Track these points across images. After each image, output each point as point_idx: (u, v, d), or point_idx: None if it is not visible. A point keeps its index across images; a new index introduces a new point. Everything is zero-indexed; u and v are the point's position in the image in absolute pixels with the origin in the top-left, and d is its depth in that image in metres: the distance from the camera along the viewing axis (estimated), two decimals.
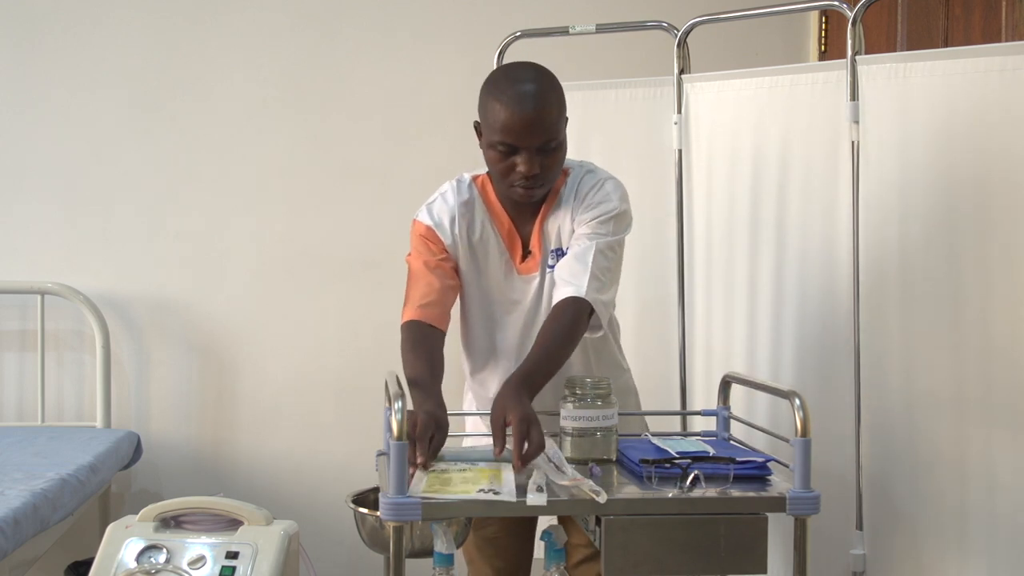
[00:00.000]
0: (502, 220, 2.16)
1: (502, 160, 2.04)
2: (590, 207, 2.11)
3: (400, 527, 1.71)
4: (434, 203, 2.18)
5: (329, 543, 3.36)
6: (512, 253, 2.16)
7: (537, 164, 2.02)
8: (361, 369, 3.45)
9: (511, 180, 2.05)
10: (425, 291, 2.10)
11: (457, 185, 2.19)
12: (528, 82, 2.02)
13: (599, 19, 2.97)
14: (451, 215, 2.14)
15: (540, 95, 2.01)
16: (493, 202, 2.17)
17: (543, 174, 2.04)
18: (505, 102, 2.00)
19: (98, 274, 3.40)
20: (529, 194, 2.07)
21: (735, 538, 1.72)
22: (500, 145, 2.02)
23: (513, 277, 2.17)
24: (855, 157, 2.46)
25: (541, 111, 2.00)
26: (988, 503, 2.27)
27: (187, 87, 3.43)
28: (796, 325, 2.64)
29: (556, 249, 2.15)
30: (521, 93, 2.00)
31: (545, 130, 2.01)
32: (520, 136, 2.00)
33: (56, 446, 3.00)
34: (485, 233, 2.16)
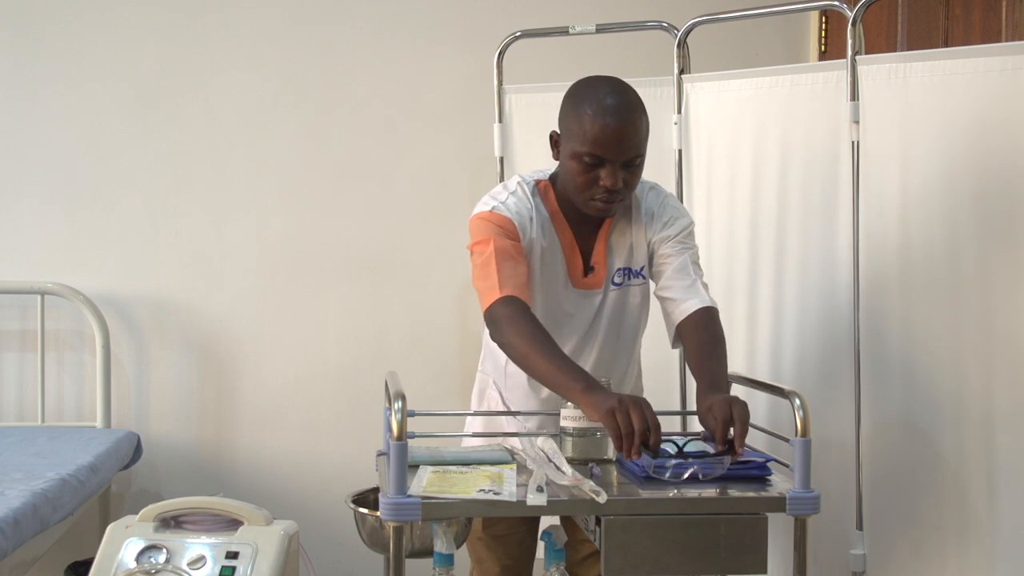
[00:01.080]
0: (564, 231, 2.13)
1: (585, 172, 2.00)
2: (668, 224, 2.13)
3: (400, 527, 1.71)
4: (508, 199, 2.10)
5: (329, 543, 3.36)
6: (571, 265, 2.13)
7: (621, 179, 2.00)
8: (361, 369, 3.45)
9: (592, 193, 2.02)
10: (513, 272, 2.00)
11: (527, 187, 2.13)
12: (619, 95, 2.01)
13: (599, 19, 2.97)
14: (529, 214, 2.09)
15: (631, 109, 2.00)
16: (556, 211, 2.13)
17: (624, 190, 2.02)
18: (595, 112, 1.97)
19: (98, 274, 3.40)
20: (608, 208, 2.04)
21: (735, 538, 1.72)
22: (587, 157, 1.99)
23: (570, 290, 2.14)
24: (855, 157, 2.46)
25: (632, 124, 1.99)
26: (988, 503, 2.27)
27: (187, 87, 3.43)
28: (796, 325, 2.64)
29: (624, 268, 2.15)
30: (613, 105, 1.98)
31: (635, 146, 2.00)
32: (609, 149, 1.98)
33: (56, 446, 2.99)
34: (552, 241, 2.12)
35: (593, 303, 2.15)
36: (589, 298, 2.15)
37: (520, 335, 1.93)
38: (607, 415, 1.77)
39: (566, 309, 2.14)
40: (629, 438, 1.75)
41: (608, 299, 2.15)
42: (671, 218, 2.14)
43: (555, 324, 2.10)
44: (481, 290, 2.02)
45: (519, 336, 1.93)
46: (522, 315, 1.95)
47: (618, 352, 2.20)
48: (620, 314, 2.18)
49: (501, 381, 2.26)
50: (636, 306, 2.19)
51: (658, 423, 1.78)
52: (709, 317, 2.06)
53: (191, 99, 3.43)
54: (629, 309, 2.18)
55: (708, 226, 2.83)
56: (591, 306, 2.15)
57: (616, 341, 2.19)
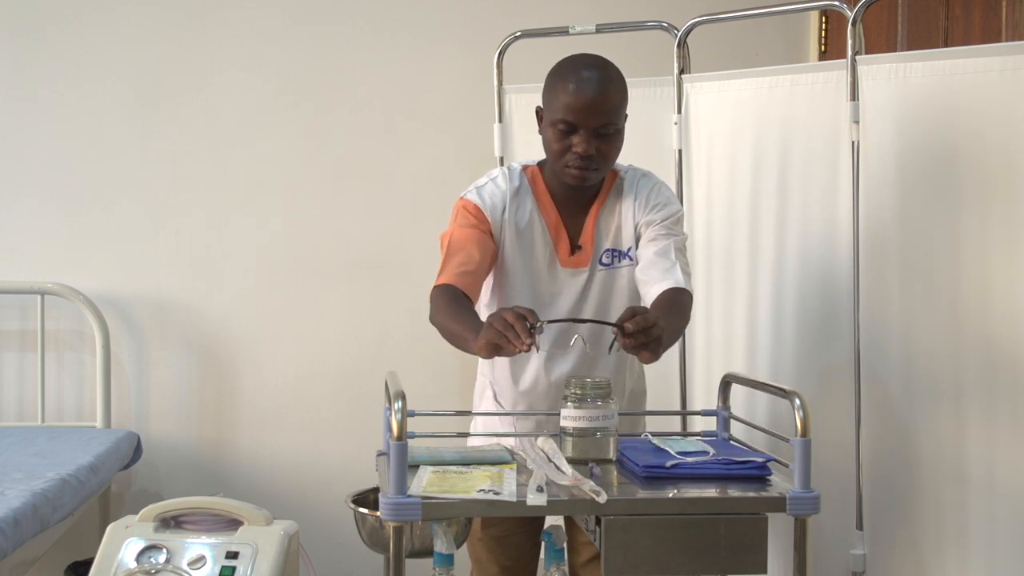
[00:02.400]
0: (550, 212, 2.19)
1: (560, 140, 2.09)
2: (656, 208, 2.17)
3: (400, 527, 1.71)
4: (485, 186, 2.21)
5: (329, 543, 3.36)
6: (557, 245, 2.18)
7: (594, 146, 2.07)
8: (361, 369, 3.45)
9: (566, 160, 2.10)
10: (464, 260, 2.12)
11: (508, 172, 2.22)
12: (593, 68, 2.11)
13: (599, 19, 2.97)
14: (502, 199, 2.18)
15: (604, 79, 2.09)
16: (542, 193, 2.20)
17: (598, 158, 2.09)
18: (569, 82, 2.08)
19: (98, 274, 3.40)
20: (582, 176, 2.10)
21: (735, 538, 1.72)
22: (561, 123, 2.08)
23: (557, 270, 2.19)
24: (855, 157, 2.46)
25: (603, 94, 2.07)
26: (988, 503, 2.27)
27: (187, 87, 3.43)
28: (796, 325, 2.64)
29: (612, 249, 2.19)
30: (586, 76, 2.08)
31: (605, 112, 2.07)
32: (580, 115, 2.06)
33: (56, 446, 2.99)
34: (532, 222, 2.18)
35: (579, 282, 2.19)
36: (575, 276, 2.19)
37: (438, 311, 2.04)
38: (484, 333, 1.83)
39: (553, 289, 2.19)
40: (510, 331, 1.80)
41: (595, 279, 2.19)
42: (660, 203, 2.19)
43: (541, 304, 2.16)
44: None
45: (440, 313, 2.04)
46: (442, 295, 2.06)
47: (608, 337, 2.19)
48: (608, 295, 2.20)
49: (494, 382, 2.28)
50: (624, 288, 2.20)
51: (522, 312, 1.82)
52: (683, 295, 2.09)
53: (191, 99, 3.43)
54: (618, 291, 2.20)
55: (708, 226, 2.83)
56: (577, 284, 2.19)
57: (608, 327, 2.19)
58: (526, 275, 2.19)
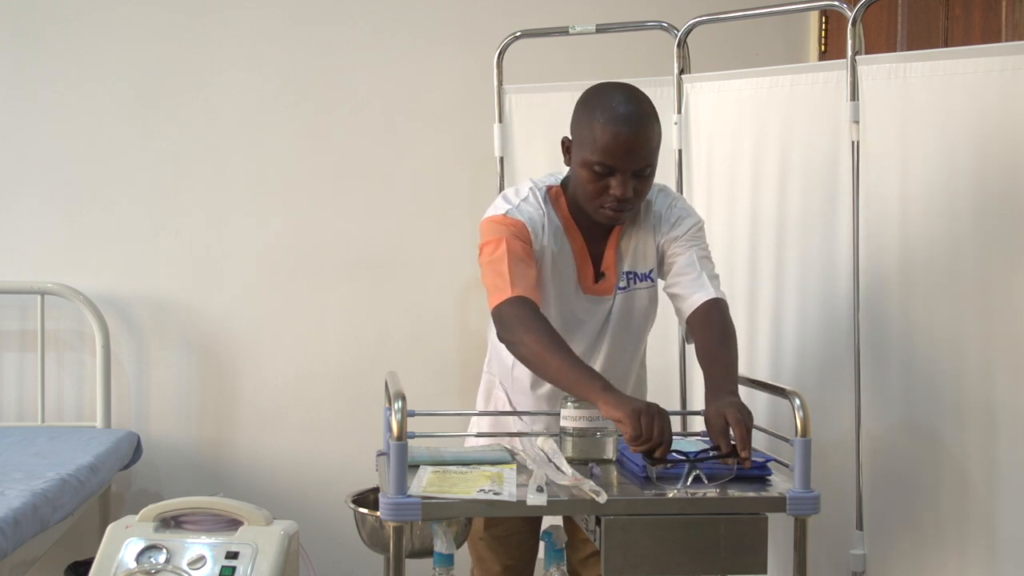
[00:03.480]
0: (575, 237, 2.12)
1: (595, 181, 2.00)
2: (676, 224, 2.13)
3: (400, 527, 1.71)
4: (521, 204, 2.09)
5: (329, 543, 3.36)
6: (582, 272, 2.13)
7: (631, 188, 1.99)
8: (361, 369, 3.45)
9: (602, 201, 2.02)
10: (524, 273, 2.00)
11: (539, 193, 2.11)
12: (631, 103, 2.00)
13: (599, 19, 2.97)
14: (541, 220, 2.08)
15: (643, 118, 1.99)
16: (567, 217, 2.12)
17: (634, 199, 2.02)
18: (607, 123, 1.97)
19: (98, 274, 3.40)
20: (617, 217, 2.04)
21: (735, 538, 1.72)
22: (597, 166, 1.99)
23: (580, 297, 2.14)
24: (855, 157, 2.46)
25: (643, 135, 1.98)
26: (988, 503, 2.27)
27: (187, 87, 3.43)
28: (796, 325, 2.64)
29: (630, 272, 2.14)
30: (624, 115, 1.97)
31: (645, 156, 1.99)
32: (619, 159, 1.97)
33: (56, 446, 2.99)
34: (562, 247, 2.11)
35: (604, 309, 2.15)
36: (600, 304, 2.15)
37: (532, 335, 1.93)
38: (632, 415, 1.77)
39: (577, 315, 2.14)
40: (645, 444, 1.77)
41: (616, 303, 2.15)
42: (679, 218, 2.14)
43: (566, 330, 2.09)
44: (490, 288, 2.01)
45: (531, 335, 1.93)
46: (533, 316, 1.95)
47: (623, 353, 2.20)
48: (627, 317, 2.17)
49: (508, 383, 2.26)
50: (642, 309, 2.19)
51: (671, 439, 1.79)
52: (717, 309, 2.06)
53: (191, 99, 3.43)
54: (635, 312, 2.18)
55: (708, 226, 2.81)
56: (601, 312, 2.15)
57: (622, 344, 2.19)
58: (555, 300, 2.12)
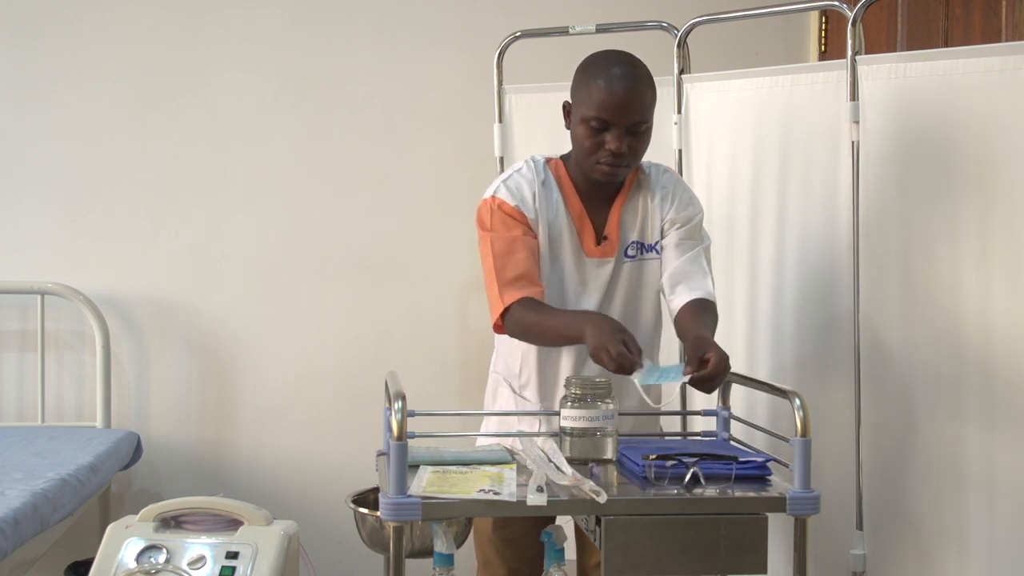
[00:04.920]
0: (574, 203, 2.21)
1: (592, 136, 2.11)
2: (682, 209, 2.22)
3: (400, 527, 1.71)
4: (510, 179, 2.20)
5: (329, 543, 3.36)
6: (583, 237, 2.20)
7: (626, 143, 2.10)
8: (361, 369, 3.45)
9: (598, 157, 2.12)
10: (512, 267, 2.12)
11: (533, 163, 2.23)
12: (627, 65, 2.13)
13: (599, 19, 2.97)
14: (530, 189, 2.18)
15: (637, 77, 2.12)
16: (566, 184, 2.21)
17: (629, 155, 2.12)
18: (602, 79, 2.09)
19: (98, 274, 3.40)
20: (613, 172, 2.13)
21: (735, 538, 1.72)
22: (593, 121, 2.09)
23: (583, 260, 2.20)
24: (855, 157, 2.46)
25: (637, 91, 2.10)
26: (988, 503, 2.27)
27: (187, 87, 3.43)
28: (796, 325, 2.64)
29: (638, 242, 2.22)
30: (619, 73, 2.10)
31: (639, 110, 2.10)
32: (614, 113, 2.08)
33: (56, 446, 2.99)
34: (559, 214, 2.20)
35: (606, 272, 2.20)
36: (602, 267, 2.20)
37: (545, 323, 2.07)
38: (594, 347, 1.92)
39: (580, 279, 2.21)
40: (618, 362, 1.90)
41: (623, 271, 2.21)
42: (684, 204, 2.23)
43: (574, 295, 2.20)
44: (488, 297, 2.15)
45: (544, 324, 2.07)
46: (536, 310, 2.08)
47: (642, 320, 2.24)
48: (638, 288, 2.23)
49: (515, 382, 2.27)
50: (653, 281, 2.23)
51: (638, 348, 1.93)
52: (711, 309, 2.14)
53: (191, 99, 3.43)
54: (646, 283, 2.23)
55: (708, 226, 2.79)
56: (604, 275, 2.21)
57: (637, 312, 2.23)
58: (554, 266, 2.20)
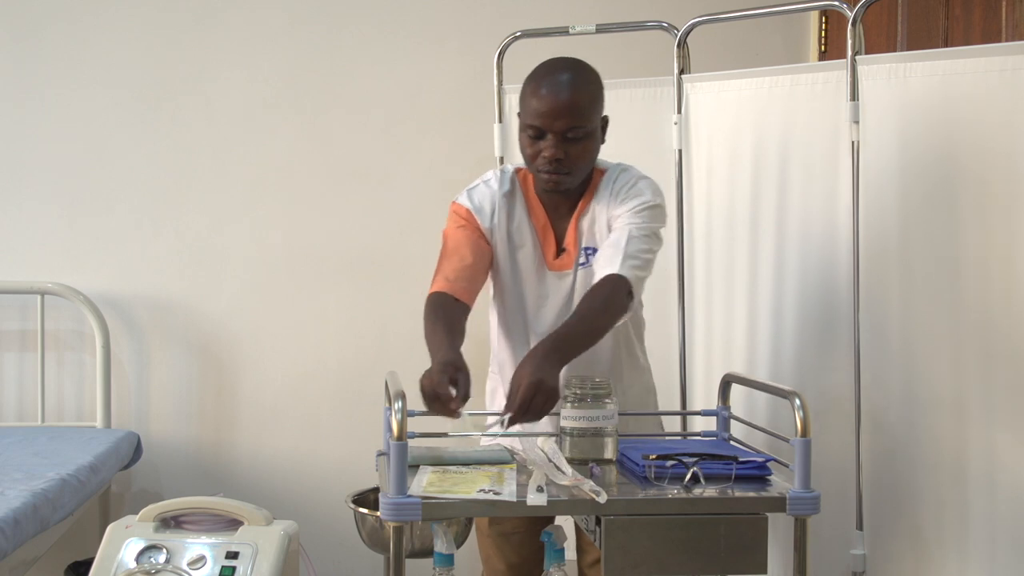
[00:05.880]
0: (538, 215, 2.20)
1: (531, 145, 2.11)
2: (623, 201, 2.15)
3: (400, 527, 1.71)
4: (476, 188, 2.22)
5: (329, 543, 3.36)
6: (545, 248, 2.19)
7: (562, 150, 2.07)
8: (361, 369, 3.45)
9: (537, 165, 2.10)
10: (457, 265, 2.14)
11: (501, 174, 2.24)
12: (562, 71, 2.10)
13: (599, 19, 2.97)
14: (492, 202, 2.19)
15: (570, 84, 2.08)
16: (532, 196, 2.21)
17: (568, 162, 2.08)
18: (536, 87, 2.09)
19: (98, 274, 3.40)
20: (554, 180, 2.10)
21: (735, 538, 1.72)
22: (529, 129, 2.10)
23: (545, 273, 2.19)
24: (855, 157, 2.46)
25: (570, 98, 2.07)
26: (988, 503, 2.27)
27: (187, 87, 3.43)
28: (796, 325, 2.64)
29: (588, 248, 2.18)
30: (553, 80, 2.08)
31: (572, 116, 2.06)
32: (547, 120, 2.06)
33: (56, 446, 2.99)
34: (521, 226, 2.20)
35: (566, 284, 2.19)
36: (562, 279, 2.19)
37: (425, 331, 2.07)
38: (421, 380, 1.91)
39: (543, 292, 2.20)
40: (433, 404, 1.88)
41: (578, 279, 2.18)
42: (629, 196, 2.14)
43: (535, 307, 2.19)
44: None
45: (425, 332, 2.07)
46: (429, 305, 2.10)
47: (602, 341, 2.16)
48: None
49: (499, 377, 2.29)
50: None
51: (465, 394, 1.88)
52: (608, 284, 2.03)
53: (191, 99, 3.43)
54: None
55: (708, 226, 2.83)
56: (564, 288, 2.19)
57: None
58: (516, 278, 2.20)
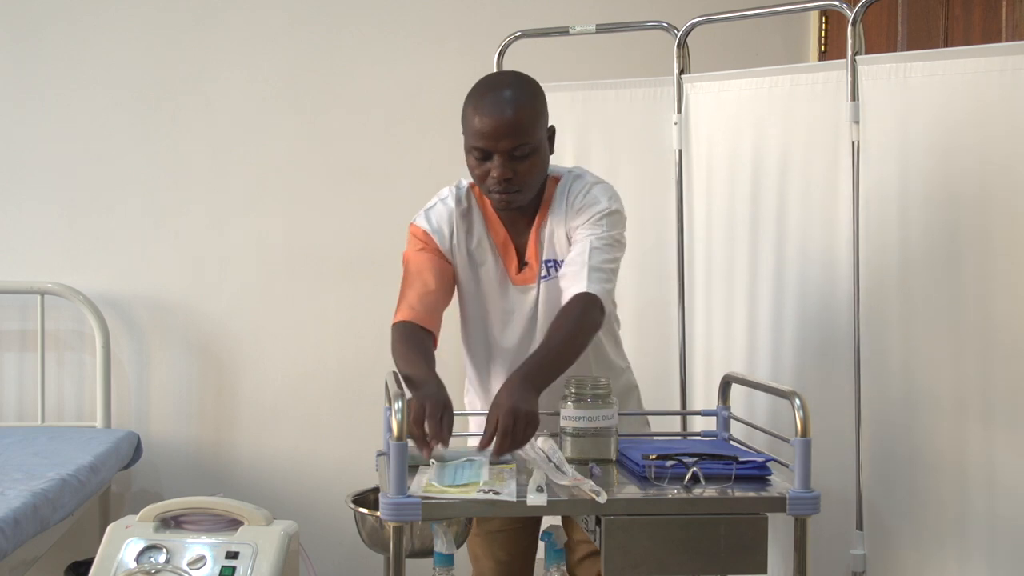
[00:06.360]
0: (497, 230, 2.16)
1: (478, 166, 2.06)
2: (580, 211, 2.10)
3: (400, 527, 1.71)
4: (432, 208, 2.18)
5: (329, 543, 3.36)
6: (507, 263, 2.16)
7: (510, 169, 2.02)
8: (361, 369, 3.45)
9: (488, 186, 2.06)
10: (420, 291, 2.11)
11: (456, 191, 2.19)
12: (501, 88, 2.05)
13: (599, 19, 2.96)
14: (450, 223, 2.15)
15: (511, 101, 2.02)
16: (489, 212, 2.17)
17: (518, 180, 2.04)
18: (477, 108, 2.03)
19: (98, 274, 3.40)
20: (506, 199, 2.06)
21: (735, 538, 1.72)
22: (474, 151, 2.04)
23: (508, 287, 2.17)
24: (855, 157, 2.46)
25: (511, 116, 2.01)
26: (988, 503, 2.27)
27: (187, 87, 3.43)
28: (796, 325, 2.64)
29: (549, 260, 2.14)
30: (492, 99, 2.02)
31: (516, 135, 2.01)
32: (490, 141, 2.01)
33: (56, 446, 2.99)
34: (481, 242, 2.16)
35: (530, 298, 2.16)
36: (525, 293, 2.17)
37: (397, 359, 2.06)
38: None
39: (507, 307, 2.17)
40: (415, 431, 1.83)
41: (541, 292, 2.15)
42: (585, 205, 2.10)
43: (500, 322, 2.17)
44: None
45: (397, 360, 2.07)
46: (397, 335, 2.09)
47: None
48: (556, 307, 2.10)
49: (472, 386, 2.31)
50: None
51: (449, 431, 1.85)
52: (578, 304, 2.00)
53: (191, 99, 3.43)
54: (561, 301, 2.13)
55: (708, 226, 2.83)
56: (528, 301, 2.16)
57: None
58: (479, 296, 2.17)
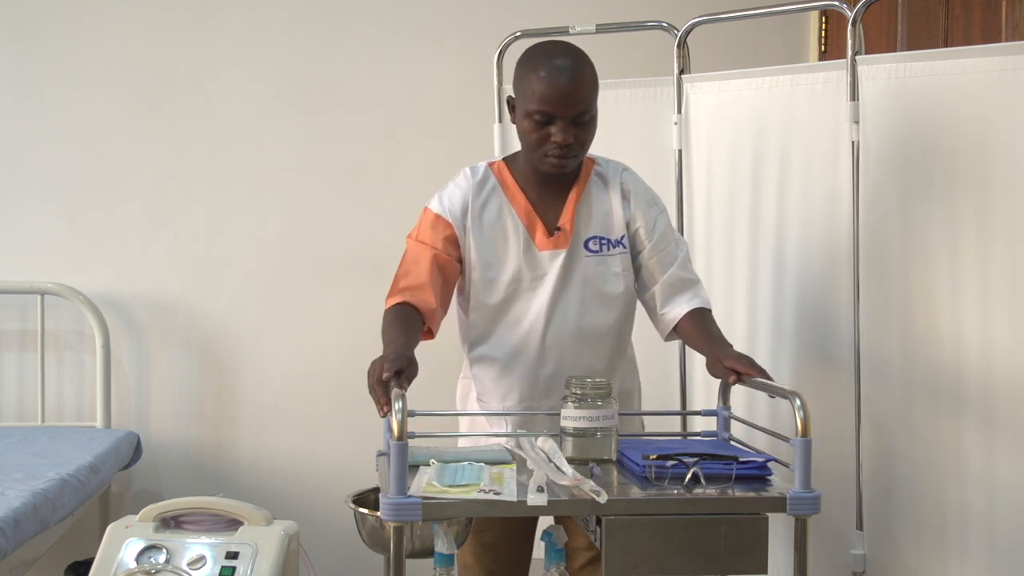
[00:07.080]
0: (518, 200, 2.20)
1: (537, 130, 2.10)
2: (652, 211, 2.23)
3: (400, 527, 1.71)
4: (446, 191, 2.23)
5: (329, 543, 3.36)
6: (532, 231, 2.19)
7: (572, 134, 2.09)
8: (361, 369, 3.39)
9: (545, 150, 2.11)
10: (415, 275, 2.15)
11: (471, 172, 2.24)
12: (565, 56, 2.12)
13: (599, 19, 2.97)
14: (463, 202, 2.19)
15: (577, 68, 2.10)
16: (509, 184, 2.21)
17: (576, 145, 2.11)
18: (544, 73, 2.09)
19: (98, 274, 3.40)
20: (562, 164, 2.13)
21: (735, 538, 1.72)
22: (537, 115, 2.09)
23: (534, 254, 2.19)
24: (855, 157, 2.46)
25: (578, 82, 2.09)
26: (988, 503, 2.27)
27: (187, 87, 3.43)
28: (796, 325, 2.64)
29: (600, 236, 2.20)
30: (559, 65, 2.09)
31: (581, 101, 2.09)
32: (557, 105, 2.07)
33: (56, 446, 3.00)
34: (501, 214, 2.20)
35: (558, 262, 2.18)
36: (555, 258, 2.18)
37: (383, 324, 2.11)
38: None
39: (536, 272, 2.19)
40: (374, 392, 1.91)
41: (582, 264, 2.18)
42: (648, 203, 2.24)
43: (528, 288, 2.19)
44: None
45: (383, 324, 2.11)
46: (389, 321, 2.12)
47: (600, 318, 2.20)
48: (603, 282, 2.20)
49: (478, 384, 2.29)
50: (620, 275, 2.20)
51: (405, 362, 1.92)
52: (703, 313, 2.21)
53: (191, 99, 3.43)
54: (612, 277, 2.20)
55: (708, 226, 2.83)
56: (557, 265, 2.18)
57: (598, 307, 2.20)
58: (500, 264, 2.19)
